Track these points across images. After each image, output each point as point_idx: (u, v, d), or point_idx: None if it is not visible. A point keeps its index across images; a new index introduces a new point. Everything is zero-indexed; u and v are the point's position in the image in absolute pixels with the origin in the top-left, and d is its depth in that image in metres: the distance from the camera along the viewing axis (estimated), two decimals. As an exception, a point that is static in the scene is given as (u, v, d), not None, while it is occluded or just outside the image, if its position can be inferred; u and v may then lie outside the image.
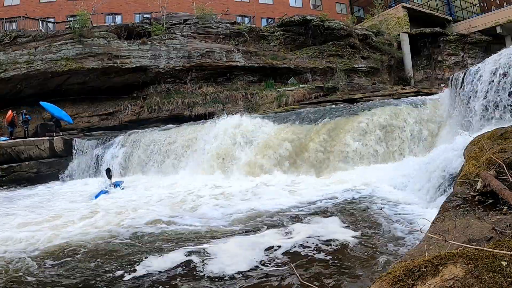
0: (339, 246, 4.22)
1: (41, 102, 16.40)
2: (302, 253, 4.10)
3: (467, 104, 7.80)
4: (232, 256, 4.13)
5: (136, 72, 19.17)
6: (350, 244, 4.26)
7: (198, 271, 3.83)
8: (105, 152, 13.29)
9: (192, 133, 12.36)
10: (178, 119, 17.57)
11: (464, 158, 4.36)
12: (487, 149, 3.61)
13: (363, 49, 24.10)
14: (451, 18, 32.04)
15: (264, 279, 3.51)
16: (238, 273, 3.70)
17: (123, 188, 9.94)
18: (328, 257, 3.91)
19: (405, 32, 27.57)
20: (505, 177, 2.85)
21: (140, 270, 3.96)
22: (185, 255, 4.27)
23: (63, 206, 8.21)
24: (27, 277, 3.97)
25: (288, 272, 3.58)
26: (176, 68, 19.75)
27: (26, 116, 16.67)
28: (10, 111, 16.39)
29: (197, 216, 6.27)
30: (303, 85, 20.36)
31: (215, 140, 11.27)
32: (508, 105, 6.72)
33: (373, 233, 4.57)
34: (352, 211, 5.78)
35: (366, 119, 10.00)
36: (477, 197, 2.97)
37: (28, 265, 4.32)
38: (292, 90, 19.62)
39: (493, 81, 7.05)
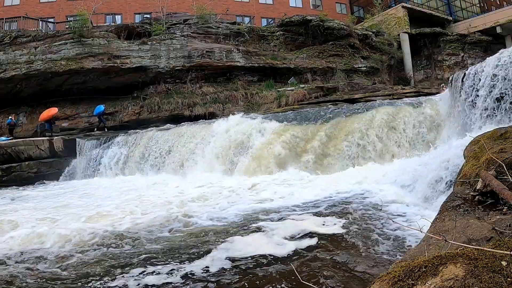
0: (339, 246, 4.22)
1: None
2: (301, 253, 4.10)
3: (467, 104, 7.80)
4: (233, 253, 4.13)
5: (136, 72, 19.17)
6: (349, 244, 4.26)
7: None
8: (104, 152, 13.28)
9: (189, 135, 12.34)
10: (178, 119, 17.58)
11: (464, 158, 4.35)
12: (487, 149, 3.60)
13: (363, 49, 24.11)
14: (451, 18, 32.07)
15: (264, 278, 3.51)
16: (236, 270, 3.70)
17: None
18: (327, 257, 3.90)
19: (405, 32, 27.59)
20: (505, 177, 2.85)
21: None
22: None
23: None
24: None
25: (288, 271, 3.58)
26: (176, 68, 19.75)
27: (12, 120, 16.73)
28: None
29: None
30: (303, 85, 20.36)
31: (214, 141, 11.25)
32: (508, 104, 6.71)
33: (372, 233, 4.57)
34: (351, 210, 5.77)
35: (365, 119, 9.99)
36: (477, 197, 2.97)
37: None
38: (292, 90, 19.63)
39: (493, 81, 7.05)
